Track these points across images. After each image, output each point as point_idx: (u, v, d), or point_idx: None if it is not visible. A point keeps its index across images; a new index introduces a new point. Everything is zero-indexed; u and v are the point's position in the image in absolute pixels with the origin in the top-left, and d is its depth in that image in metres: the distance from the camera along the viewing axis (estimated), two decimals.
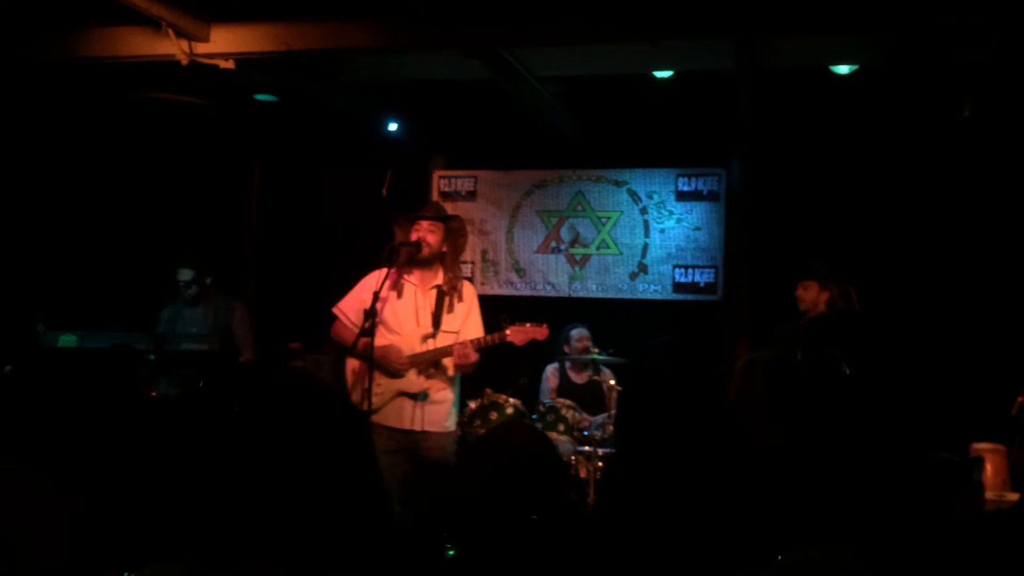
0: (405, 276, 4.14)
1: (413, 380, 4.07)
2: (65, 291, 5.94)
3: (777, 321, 5.16)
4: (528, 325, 4.14)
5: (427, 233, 4.10)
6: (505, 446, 1.88)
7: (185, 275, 5.27)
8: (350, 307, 4.15)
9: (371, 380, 3.87)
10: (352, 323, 4.10)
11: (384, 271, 4.05)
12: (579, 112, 6.45)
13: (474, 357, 4.00)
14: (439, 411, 4.10)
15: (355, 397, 3.99)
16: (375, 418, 4.01)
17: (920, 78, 5.26)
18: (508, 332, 4.07)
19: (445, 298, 4.11)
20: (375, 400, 3.97)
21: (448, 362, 4.11)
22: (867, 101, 5.70)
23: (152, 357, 4.67)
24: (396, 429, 4.03)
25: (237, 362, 5.15)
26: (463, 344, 3.99)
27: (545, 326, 4.17)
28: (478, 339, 4.04)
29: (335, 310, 4.22)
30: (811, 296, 4.95)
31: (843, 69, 5.18)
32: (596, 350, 5.78)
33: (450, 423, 4.17)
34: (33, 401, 1.85)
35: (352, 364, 4.13)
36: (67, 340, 4.70)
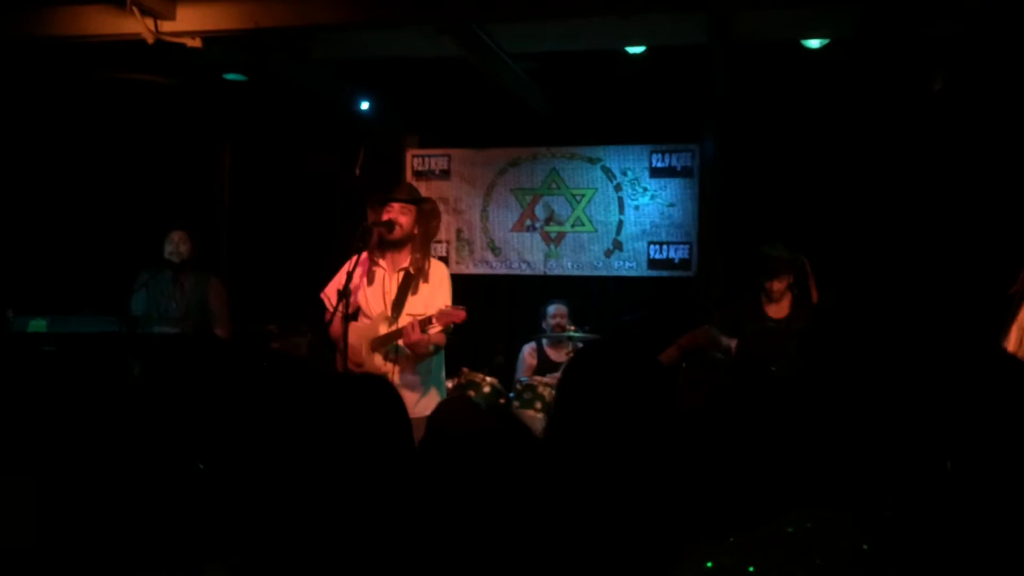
0: (378, 259, 4.13)
1: (378, 364, 4.05)
2: (33, 276, 5.86)
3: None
4: (450, 308, 3.91)
5: (398, 215, 4.07)
6: (445, 426, 1.89)
7: (175, 237, 5.24)
8: (333, 292, 4.11)
9: (346, 361, 3.88)
10: (334, 307, 4.08)
11: (364, 257, 4.04)
12: (552, 89, 6.43)
13: (415, 336, 3.85)
14: (409, 396, 4.01)
15: None
16: None
17: (891, 51, 5.28)
18: (435, 315, 3.89)
19: (411, 280, 4.08)
20: None
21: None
22: (839, 74, 5.71)
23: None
24: None
25: (212, 344, 5.10)
26: (410, 323, 3.89)
27: (463, 310, 3.90)
28: (422, 319, 3.89)
29: (322, 296, 4.21)
30: (783, 287, 4.90)
31: (814, 43, 5.18)
32: (572, 327, 5.80)
33: (420, 409, 3.92)
34: (19, 391, 1.82)
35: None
36: (37, 325, 4.63)
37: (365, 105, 6.52)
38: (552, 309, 5.98)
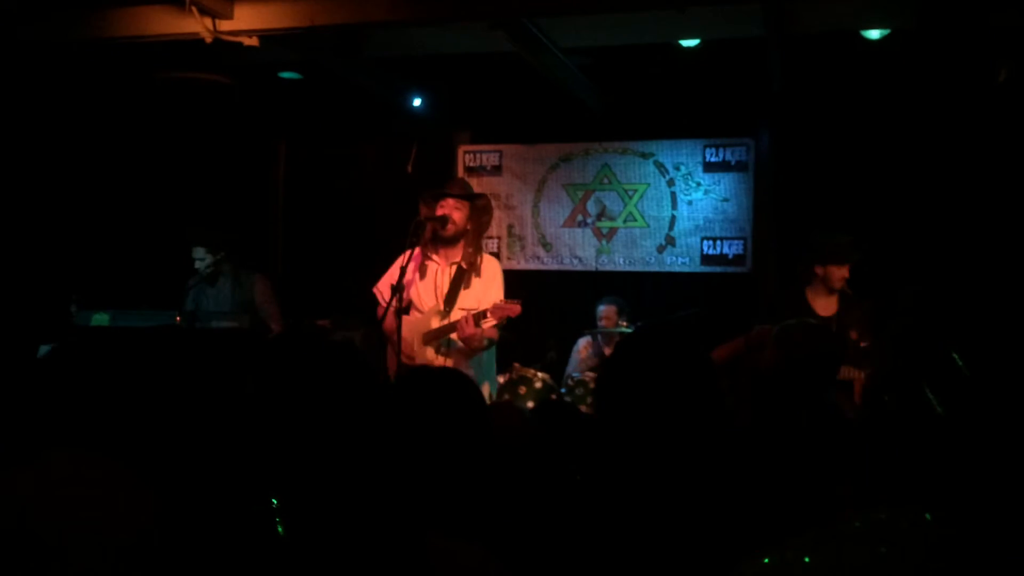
0: (430, 254, 4.15)
1: (430, 358, 4.08)
2: (97, 271, 5.99)
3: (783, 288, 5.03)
4: (505, 302, 3.91)
5: (453, 210, 4.09)
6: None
7: (198, 253, 5.30)
8: (385, 287, 4.20)
9: (399, 354, 3.91)
10: (387, 302, 4.15)
11: (417, 251, 4.09)
12: (604, 83, 6.39)
13: (470, 330, 3.87)
14: None
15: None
16: None
17: (953, 42, 5.14)
18: (490, 309, 3.90)
19: (463, 275, 4.09)
20: None
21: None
22: (899, 67, 5.59)
23: None
24: None
25: (267, 338, 5.16)
26: (464, 317, 3.91)
27: (519, 304, 3.89)
28: (476, 313, 3.92)
29: (374, 291, 4.24)
30: (843, 275, 4.68)
31: (874, 34, 5.08)
32: (625, 323, 5.77)
33: None
34: (82, 382, 1.83)
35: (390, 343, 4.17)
36: (100, 319, 4.73)
37: (417, 102, 6.55)
38: (602, 309, 5.94)
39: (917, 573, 1.08)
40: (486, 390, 4.19)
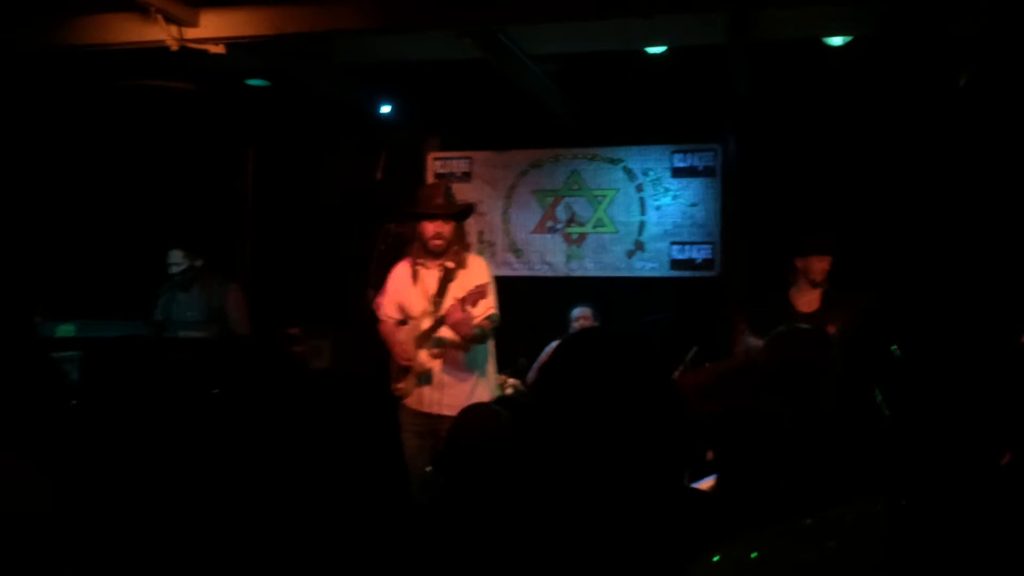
0: (421, 261, 4.15)
1: (424, 360, 4.09)
2: (62, 281, 5.92)
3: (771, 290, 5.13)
4: (476, 286, 3.94)
5: (442, 226, 4.09)
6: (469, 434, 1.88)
7: (175, 257, 5.25)
8: (388, 303, 4.22)
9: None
10: (389, 317, 4.20)
11: (407, 261, 4.15)
12: (573, 90, 6.42)
13: (456, 315, 3.82)
14: (457, 394, 4.01)
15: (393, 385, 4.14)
16: (407, 401, 4.12)
17: (914, 48, 5.24)
18: (465, 295, 3.89)
19: (451, 273, 4.09)
20: (404, 387, 4.10)
21: (452, 336, 4.04)
22: (862, 72, 5.67)
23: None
24: (420, 412, 4.07)
25: (235, 348, 5.12)
26: (452, 305, 3.88)
27: (485, 284, 3.95)
28: (461, 298, 3.89)
29: (374, 306, 4.25)
30: (823, 268, 4.88)
31: (837, 41, 5.16)
32: None
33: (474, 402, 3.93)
34: (41, 392, 1.84)
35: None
36: (65, 330, 4.69)
37: (386, 108, 6.55)
38: (577, 312, 5.98)
39: (865, 563, 1.11)
40: (484, 390, 4.12)
